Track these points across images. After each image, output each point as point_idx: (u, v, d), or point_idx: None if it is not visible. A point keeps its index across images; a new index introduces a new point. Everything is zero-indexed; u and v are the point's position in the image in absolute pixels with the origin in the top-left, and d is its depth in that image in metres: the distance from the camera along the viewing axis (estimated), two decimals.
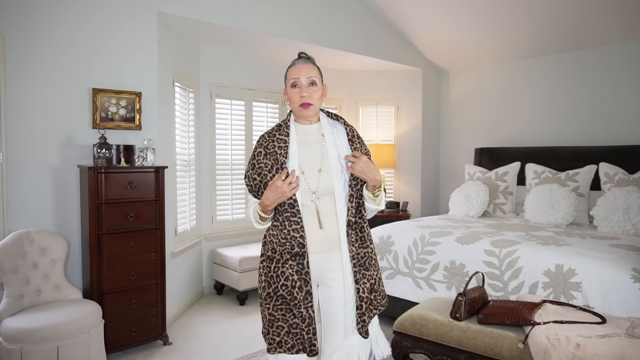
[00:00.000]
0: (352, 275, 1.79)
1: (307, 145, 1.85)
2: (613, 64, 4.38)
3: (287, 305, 1.77)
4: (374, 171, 1.75)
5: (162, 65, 3.55)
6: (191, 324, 3.71)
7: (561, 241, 3.08)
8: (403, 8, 4.70)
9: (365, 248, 1.81)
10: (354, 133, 1.88)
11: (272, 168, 1.80)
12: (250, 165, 1.87)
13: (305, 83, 1.81)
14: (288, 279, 1.76)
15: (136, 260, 3.08)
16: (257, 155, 1.85)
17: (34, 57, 3.04)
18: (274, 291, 1.79)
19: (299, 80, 1.80)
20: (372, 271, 1.83)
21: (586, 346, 1.86)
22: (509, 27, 4.54)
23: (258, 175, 1.83)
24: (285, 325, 1.78)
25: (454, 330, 2.32)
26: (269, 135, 1.86)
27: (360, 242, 1.80)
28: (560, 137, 4.74)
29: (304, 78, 1.80)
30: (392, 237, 3.56)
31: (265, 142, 1.85)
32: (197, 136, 4.35)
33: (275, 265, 1.79)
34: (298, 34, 4.29)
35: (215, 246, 4.55)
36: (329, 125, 1.89)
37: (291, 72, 1.83)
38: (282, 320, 1.78)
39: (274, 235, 1.81)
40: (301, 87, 1.81)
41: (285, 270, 1.77)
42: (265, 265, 1.83)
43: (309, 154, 1.83)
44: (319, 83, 1.84)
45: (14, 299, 2.72)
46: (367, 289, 1.79)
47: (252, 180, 1.85)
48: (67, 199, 3.18)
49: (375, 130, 5.69)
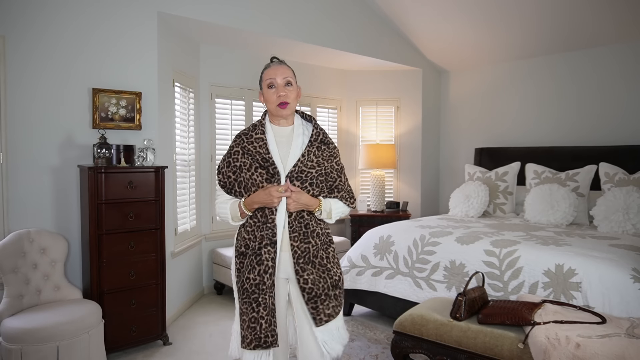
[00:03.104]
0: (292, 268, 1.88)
1: (281, 146, 1.93)
2: (614, 64, 4.38)
3: (248, 299, 1.84)
4: (306, 200, 1.86)
5: (162, 65, 3.55)
6: (191, 324, 3.71)
7: (561, 241, 3.08)
8: (403, 8, 4.70)
9: (307, 244, 1.88)
10: (319, 137, 1.94)
11: (250, 167, 1.88)
12: (225, 163, 1.94)
13: (282, 83, 1.88)
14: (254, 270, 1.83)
15: (136, 260, 3.08)
16: (233, 154, 1.92)
17: (34, 57, 3.04)
18: (242, 285, 1.87)
19: (275, 81, 1.88)
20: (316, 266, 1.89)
21: (586, 346, 1.86)
22: (510, 27, 4.54)
23: (233, 174, 1.92)
24: (247, 319, 1.84)
25: (454, 330, 2.32)
26: (246, 136, 1.93)
27: (302, 238, 1.87)
28: (561, 137, 4.74)
29: (280, 78, 1.88)
30: (392, 237, 3.56)
31: (242, 142, 1.92)
32: (197, 136, 4.35)
33: (247, 260, 1.87)
34: (298, 34, 4.29)
35: (215, 246, 4.55)
36: (300, 127, 1.97)
37: (267, 74, 1.91)
38: (245, 313, 1.85)
39: (249, 231, 1.89)
40: (277, 87, 1.88)
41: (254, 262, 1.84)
42: (237, 261, 1.92)
43: (283, 154, 1.91)
44: (294, 83, 1.92)
45: (14, 299, 2.72)
46: (310, 280, 1.85)
47: (226, 178, 1.93)
48: (67, 199, 3.18)
49: (375, 130, 5.69)
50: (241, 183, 1.91)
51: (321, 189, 1.94)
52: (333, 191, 1.97)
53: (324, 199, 1.93)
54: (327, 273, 1.90)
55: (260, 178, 1.88)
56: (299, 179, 1.87)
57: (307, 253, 1.87)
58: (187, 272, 4.10)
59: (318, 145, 1.93)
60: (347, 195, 2.01)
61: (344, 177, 2.03)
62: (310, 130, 1.97)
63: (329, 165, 1.95)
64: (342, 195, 1.99)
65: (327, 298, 1.88)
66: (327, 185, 1.96)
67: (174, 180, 3.83)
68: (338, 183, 1.98)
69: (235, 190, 1.93)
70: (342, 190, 1.99)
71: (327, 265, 1.91)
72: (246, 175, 1.89)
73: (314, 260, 1.88)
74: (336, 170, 1.98)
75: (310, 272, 1.86)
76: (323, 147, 1.94)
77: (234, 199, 1.95)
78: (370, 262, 3.60)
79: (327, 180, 1.95)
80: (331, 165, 1.96)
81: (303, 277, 1.85)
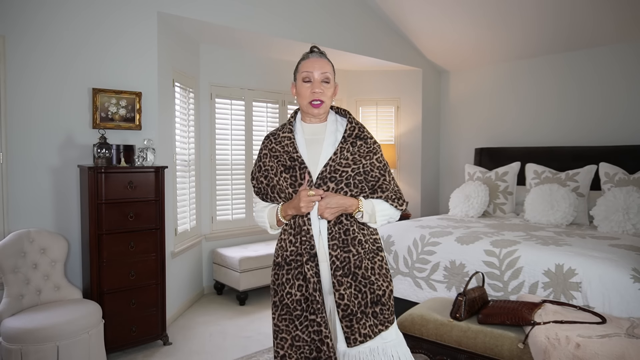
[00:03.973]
0: (329, 280, 1.68)
1: (312, 145, 1.74)
2: (615, 64, 4.38)
3: (290, 316, 1.66)
4: (339, 202, 1.63)
5: (162, 65, 3.55)
6: (191, 324, 3.71)
7: (561, 241, 3.08)
8: (403, 8, 4.70)
9: (347, 252, 1.65)
10: (353, 132, 1.73)
11: (277, 171, 1.71)
12: (257, 168, 1.79)
13: (319, 79, 1.70)
14: (294, 285, 1.66)
15: (136, 260, 3.08)
16: (262, 157, 1.77)
17: (34, 57, 3.04)
18: (280, 300, 1.70)
19: (312, 75, 1.70)
20: (359, 278, 1.67)
21: (586, 346, 1.86)
22: (510, 27, 4.54)
23: (265, 178, 1.75)
24: (288, 337, 1.67)
25: (454, 330, 2.32)
26: (274, 137, 1.77)
27: (342, 246, 1.66)
28: (561, 137, 4.74)
29: (318, 73, 1.70)
30: (392, 237, 3.56)
31: (270, 143, 1.76)
32: (197, 136, 4.35)
33: (282, 272, 1.70)
34: (298, 34, 4.29)
35: (215, 246, 4.55)
36: (334, 123, 1.78)
37: (304, 65, 1.72)
38: (285, 332, 1.68)
39: (284, 239, 1.71)
40: (314, 83, 1.70)
41: (294, 276, 1.67)
42: (274, 272, 1.75)
43: (314, 154, 1.72)
44: (332, 81, 1.74)
45: (14, 299, 2.72)
46: (347, 295, 1.64)
47: (259, 183, 1.77)
48: (67, 199, 3.18)
49: (375, 130, 5.69)
50: (274, 187, 1.72)
51: (361, 189, 1.68)
52: (376, 191, 1.70)
53: (364, 199, 1.69)
54: (368, 287, 1.66)
55: (285, 183, 1.69)
56: (332, 180, 1.65)
57: (346, 263, 1.64)
58: (187, 272, 4.10)
59: (353, 140, 1.71)
60: (395, 196, 1.73)
61: (389, 175, 1.74)
62: (345, 126, 1.75)
63: (367, 162, 1.69)
64: (388, 196, 1.71)
65: (364, 316, 1.64)
66: (369, 185, 1.69)
67: (174, 180, 3.83)
68: (382, 182, 1.71)
69: (270, 195, 1.74)
70: (386, 190, 1.71)
71: (370, 278, 1.66)
72: (274, 180, 1.71)
73: (356, 272, 1.65)
74: (378, 168, 1.71)
75: (348, 285, 1.64)
76: (359, 143, 1.71)
77: (271, 205, 1.79)
78: None
79: (367, 179, 1.69)
80: (371, 163, 1.70)
81: (339, 292, 1.63)
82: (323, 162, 1.68)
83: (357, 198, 1.67)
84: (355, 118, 1.78)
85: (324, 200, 1.62)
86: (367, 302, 1.65)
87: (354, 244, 1.66)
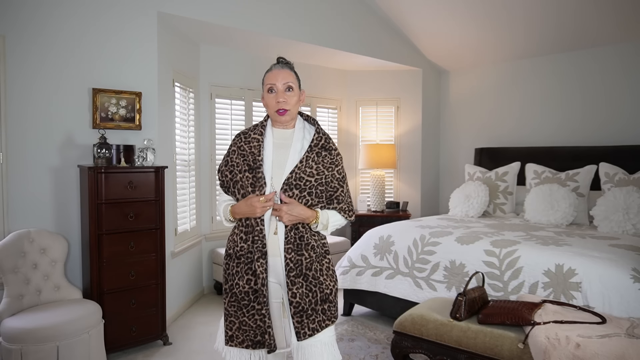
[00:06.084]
0: (284, 280, 1.81)
1: (280, 150, 1.86)
2: (617, 63, 4.38)
3: (238, 304, 1.83)
4: (300, 212, 1.77)
5: (162, 65, 3.55)
6: (191, 324, 3.71)
7: (561, 241, 3.08)
8: (403, 8, 4.70)
9: (300, 256, 1.80)
10: (320, 142, 1.85)
11: (242, 169, 1.84)
12: (224, 162, 1.92)
13: (282, 88, 1.82)
14: (243, 277, 1.81)
15: (136, 260, 3.08)
16: (231, 153, 1.90)
17: (34, 57, 3.04)
18: (230, 288, 1.86)
19: (276, 86, 1.82)
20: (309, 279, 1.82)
21: (586, 346, 1.86)
22: (509, 28, 4.54)
23: (230, 173, 1.89)
24: (236, 321, 1.84)
25: (454, 330, 2.32)
26: (245, 135, 1.89)
27: (296, 249, 1.80)
28: (561, 137, 4.74)
29: (280, 84, 1.82)
30: (392, 237, 3.57)
31: (239, 141, 1.89)
32: (197, 136, 4.35)
33: (233, 263, 1.85)
34: (298, 34, 4.29)
35: (215, 246, 4.55)
36: (302, 130, 1.90)
37: (268, 78, 1.85)
38: (234, 316, 1.85)
39: (237, 234, 1.86)
40: (277, 93, 1.82)
41: (243, 269, 1.82)
42: (226, 262, 1.90)
43: (281, 159, 1.85)
44: (296, 88, 1.85)
45: (14, 299, 2.72)
46: (299, 294, 1.78)
47: (224, 177, 1.92)
48: (67, 199, 3.18)
49: (375, 130, 5.69)
50: (236, 183, 1.86)
51: (320, 198, 1.84)
52: (332, 202, 1.87)
53: (321, 211, 1.84)
54: (318, 287, 1.82)
55: (246, 182, 1.82)
56: (297, 187, 1.78)
57: (299, 265, 1.79)
58: (187, 272, 4.10)
59: (318, 151, 1.83)
60: (347, 208, 1.91)
61: (346, 187, 1.91)
62: (312, 135, 1.87)
63: (329, 174, 1.84)
64: (342, 207, 1.89)
65: (314, 312, 1.80)
66: (327, 194, 1.85)
67: (174, 180, 3.83)
68: (339, 193, 1.87)
69: (231, 190, 1.89)
70: (342, 201, 1.88)
71: (319, 278, 1.83)
72: (237, 177, 1.86)
73: (307, 273, 1.80)
74: (337, 179, 1.87)
75: (300, 285, 1.79)
76: (324, 154, 1.84)
77: (231, 199, 1.93)
78: (370, 262, 3.60)
79: (327, 189, 1.85)
80: (332, 174, 1.85)
81: (292, 291, 1.78)
82: (289, 169, 1.81)
83: (315, 210, 1.83)
84: (322, 128, 1.91)
85: (287, 206, 1.76)
86: (317, 300, 1.82)
87: (307, 248, 1.82)
